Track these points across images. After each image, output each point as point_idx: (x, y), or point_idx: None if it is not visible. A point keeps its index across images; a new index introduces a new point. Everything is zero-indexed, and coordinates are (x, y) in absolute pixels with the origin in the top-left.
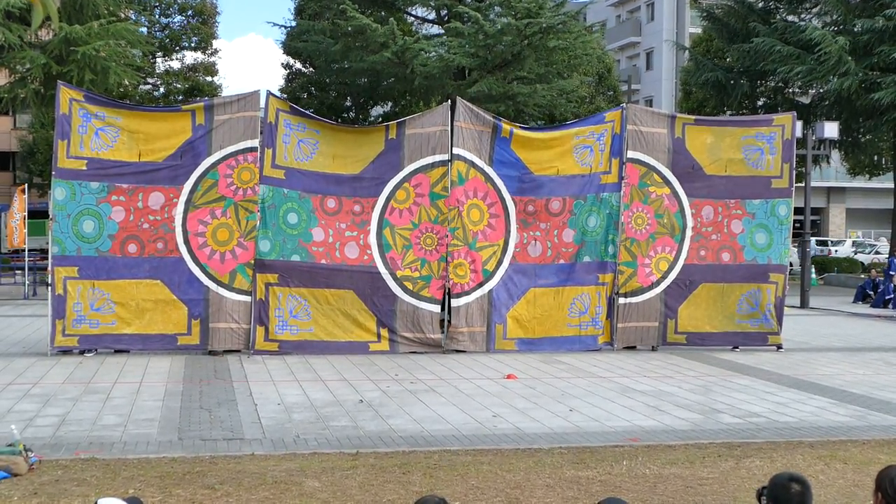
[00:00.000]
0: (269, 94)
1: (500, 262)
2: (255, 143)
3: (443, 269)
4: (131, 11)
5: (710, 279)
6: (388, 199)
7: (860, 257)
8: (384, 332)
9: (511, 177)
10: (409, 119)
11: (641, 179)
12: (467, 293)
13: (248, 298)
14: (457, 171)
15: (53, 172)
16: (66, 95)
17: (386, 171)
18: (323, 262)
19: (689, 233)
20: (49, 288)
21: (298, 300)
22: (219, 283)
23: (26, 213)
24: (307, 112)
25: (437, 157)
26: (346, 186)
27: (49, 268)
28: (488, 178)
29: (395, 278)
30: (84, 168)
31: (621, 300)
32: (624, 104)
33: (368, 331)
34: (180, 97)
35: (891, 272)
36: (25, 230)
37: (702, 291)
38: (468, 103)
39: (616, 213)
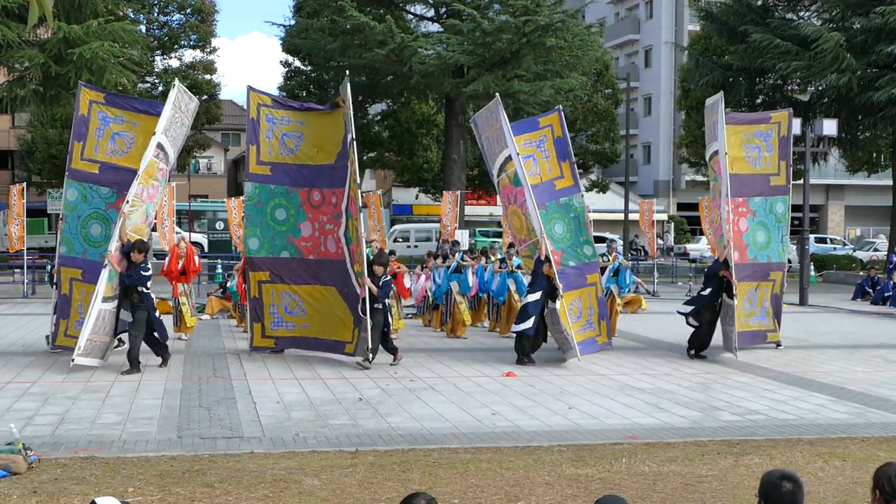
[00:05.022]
0: (250, 88)
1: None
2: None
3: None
4: (130, 10)
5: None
6: (348, 188)
7: (858, 254)
8: (356, 333)
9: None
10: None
11: None
12: None
13: None
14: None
15: (67, 173)
16: (86, 97)
17: (346, 156)
18: (311, 257)
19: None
20: (55, 287)
21: (292, 297)
22: None
23: (25, 215)
24: (290, 102)
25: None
26: (325, 177)
27: (56, 267)
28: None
29: (354, 273)
30: (97, 171)
31: None
32: (559, 106)
33: (348, 329)
34: None
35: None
36: (25, 231)
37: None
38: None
39: (581, 214)
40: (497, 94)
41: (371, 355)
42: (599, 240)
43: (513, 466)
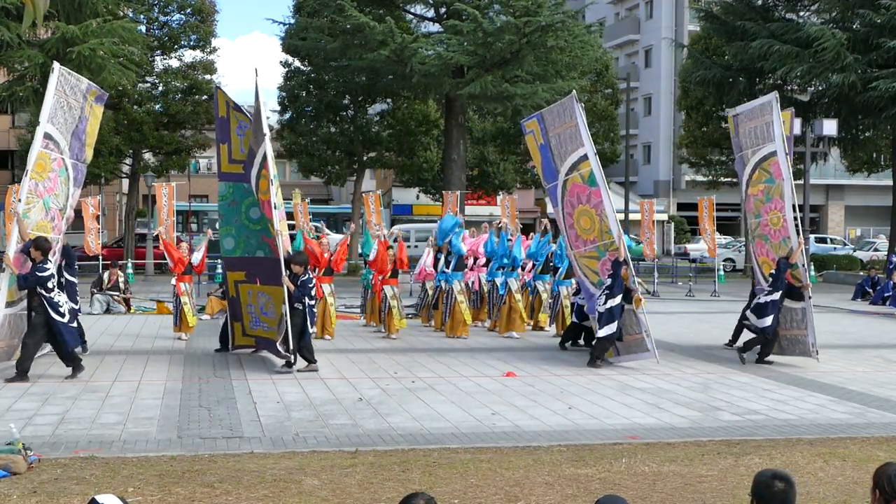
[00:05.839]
0: (218, 88)
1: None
2: None
3: None
4: (130, 10)
5: None
6: (256, 190)
7: (858, 254)
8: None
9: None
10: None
11: None
12: None
13: None
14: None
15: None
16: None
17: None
18: (278, 257)
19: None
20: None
21: (267, 298)
22: None
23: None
24: (242, 108)
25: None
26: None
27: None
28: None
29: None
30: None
31: None
32: (540, 113)
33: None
34: (179, 96)
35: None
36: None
37: None
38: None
39: None
40: (574, 90)
41: (291, 357)
42: None
43: (513, 466)
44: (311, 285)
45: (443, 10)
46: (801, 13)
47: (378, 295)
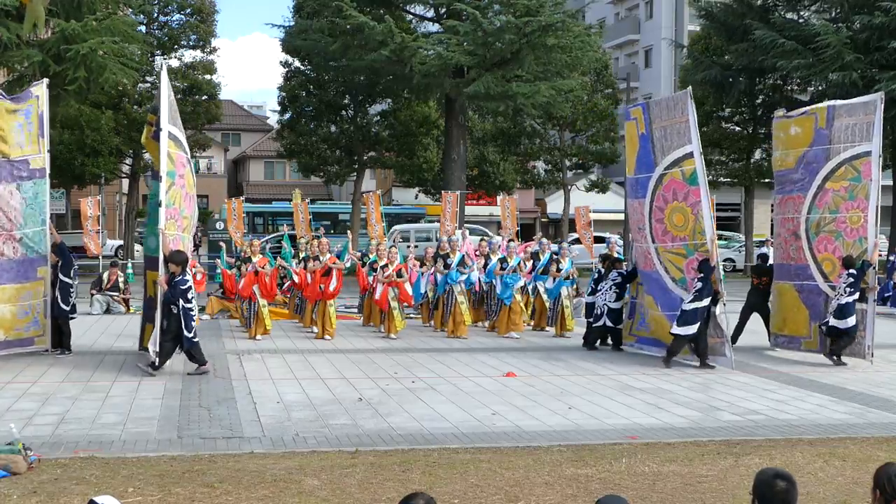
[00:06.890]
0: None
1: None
2: None
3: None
4: (129, 10)
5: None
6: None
7: None
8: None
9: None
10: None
11: None
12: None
13: None
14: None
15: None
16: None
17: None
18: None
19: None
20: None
21: None
22: None
23: None
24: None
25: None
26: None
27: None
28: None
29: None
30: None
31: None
32: (644, 102)
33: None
34: (179, 96)
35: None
36: None
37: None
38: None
39: None
40: (689, 86)
41: (157, 360)
42: (599, 240)
43: (513, 466)
44: (184, 287)
45: (442, 10)
46: (802, 13)
47: (377, 296)
